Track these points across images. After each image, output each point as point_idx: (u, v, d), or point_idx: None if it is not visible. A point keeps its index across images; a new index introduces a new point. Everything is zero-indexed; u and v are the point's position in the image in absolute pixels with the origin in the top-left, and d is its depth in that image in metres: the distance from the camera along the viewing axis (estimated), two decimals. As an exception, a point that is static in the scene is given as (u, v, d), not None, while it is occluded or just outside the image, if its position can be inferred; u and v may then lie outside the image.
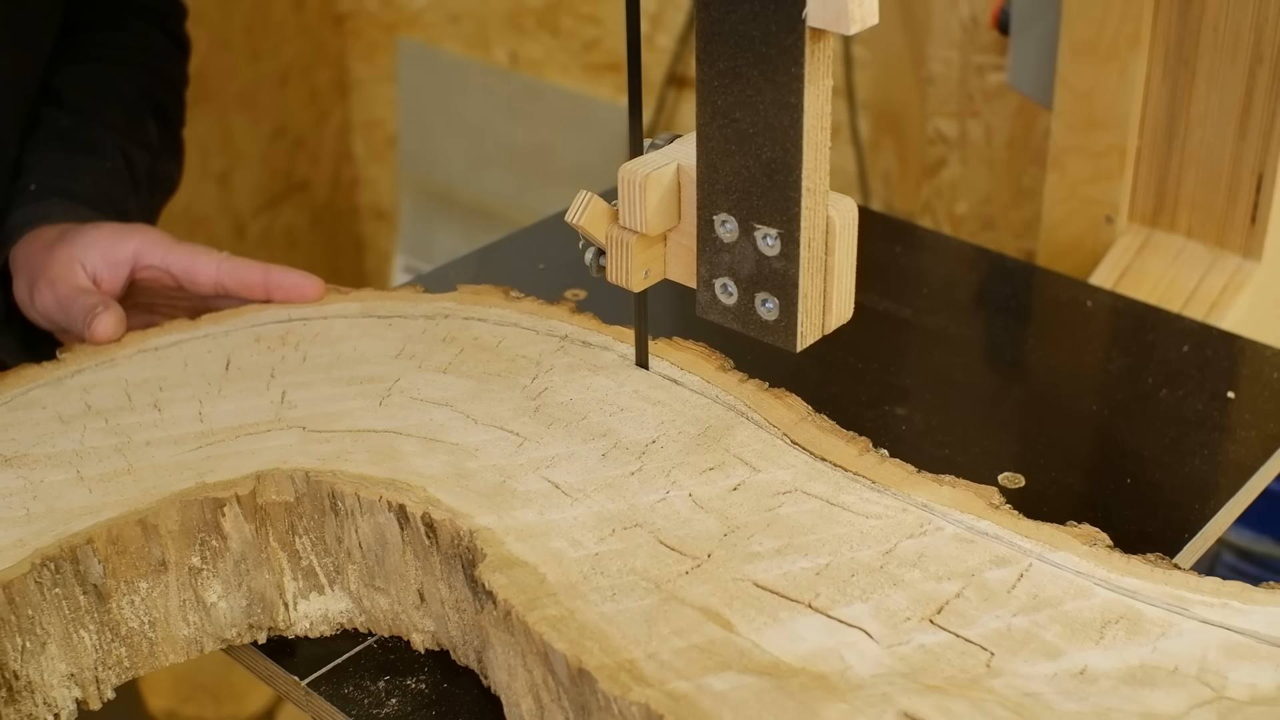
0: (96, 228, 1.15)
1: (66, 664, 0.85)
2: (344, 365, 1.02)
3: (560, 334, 1.04)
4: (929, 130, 2.02)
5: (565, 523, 0.84)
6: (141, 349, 1.06)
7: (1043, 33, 1.41)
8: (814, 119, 0.78)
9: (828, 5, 0.73)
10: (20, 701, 0.84)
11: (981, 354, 1.19)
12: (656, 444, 0.91)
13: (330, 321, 1.09)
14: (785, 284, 0.82)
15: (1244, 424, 1.07)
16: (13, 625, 0.82)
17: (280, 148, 2.88)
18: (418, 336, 1.05)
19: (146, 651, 0.88)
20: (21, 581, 0.82)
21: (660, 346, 1.01)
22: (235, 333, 1.08)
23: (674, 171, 0.87)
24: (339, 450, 0.91)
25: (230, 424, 0.96)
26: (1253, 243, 1.33)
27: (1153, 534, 0.95)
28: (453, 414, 0.95)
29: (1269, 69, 1.25)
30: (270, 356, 1.04)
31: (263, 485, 0.88)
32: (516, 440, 0.92)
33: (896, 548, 0.82)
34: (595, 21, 2.56)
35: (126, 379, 1.03)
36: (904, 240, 1.37)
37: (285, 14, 2.80)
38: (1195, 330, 1.19)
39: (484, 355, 1.02)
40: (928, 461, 1.02)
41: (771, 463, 0.89)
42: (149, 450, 0.94)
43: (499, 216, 2.76)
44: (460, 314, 1.08)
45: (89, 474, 0.92)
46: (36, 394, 1.02)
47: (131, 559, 0.86)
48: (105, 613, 0.86)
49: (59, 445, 0.95)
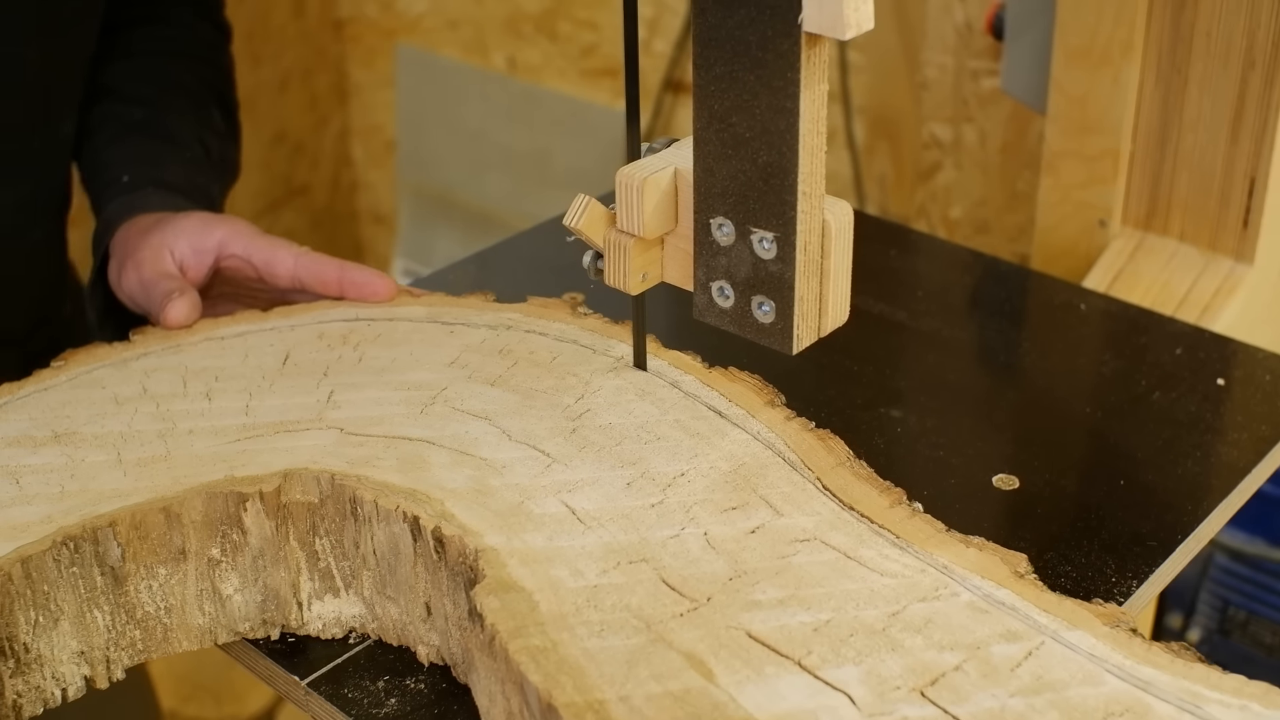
0: (187, 216, 1.17)
1: (78, 641, 0.86)
2: (397, 369, 1.01)
3: (617, 354, 1.01)
4: (924, 135, 2.02)
5: (572, 550, 0.82)
6: (209, 337, 1.07)
7: (1037, 38, 1.41)
8: (810, 123, 0.78)
9: (823, 10, 0.73)
10: (28, 673, 0.84)
11: (976, 357, 1.19)
12: (685, 477, 0.88)
13: (395, 324, 1.08)
14: (781, 287, 0.82)
15: (1236, 426, 1.07)
16: (28, 599, 0.83)
17: (280, 153, 2.88)
18: (475, 346, 1.04)
19: (160, 636, 0.88)
20: (40, 558, 0.83)
21: (715, 376, 0.98)
22: (301, 328, 1.08)
23: (671, 175, 0.87)
24: (370, 455, 0.91)
25: (273, 419, 0.96)
26: (1245, 246, 1.33)
27: (1145, 535, 0.95)
28: (490, 428, 0.94)
29: (1261, 74, 1.26)
30: (328, 355, 1.04)
31: (288, 484, 0.88)
32: (545, 461, 0.90)
33: (905, 610, 0.77)
34: (592, 27, 2.56)
35: (187, 365, 1.04)
36: (899, 244, 1.37)
37: (285, 20, 2.80)
38: (1188, 333, 1.19)
39: (536, 370, 1.00)
40: (922, 463, 1.02)
41: (797, 508, 0.86)
42: (190, 439, 0.94)
43: (497, 220, 2.76)
44: (523, 326, 1.06)
45: (128, 457, 0.93)
46: (100, 373, 1.03)
47: (153, 545, 0.86)
48: (121, 595, 0.86)
49: (108, 426, 0.96)
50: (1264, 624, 2.11)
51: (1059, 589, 0.89)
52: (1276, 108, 1.26)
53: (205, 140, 1.33)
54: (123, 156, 1.27)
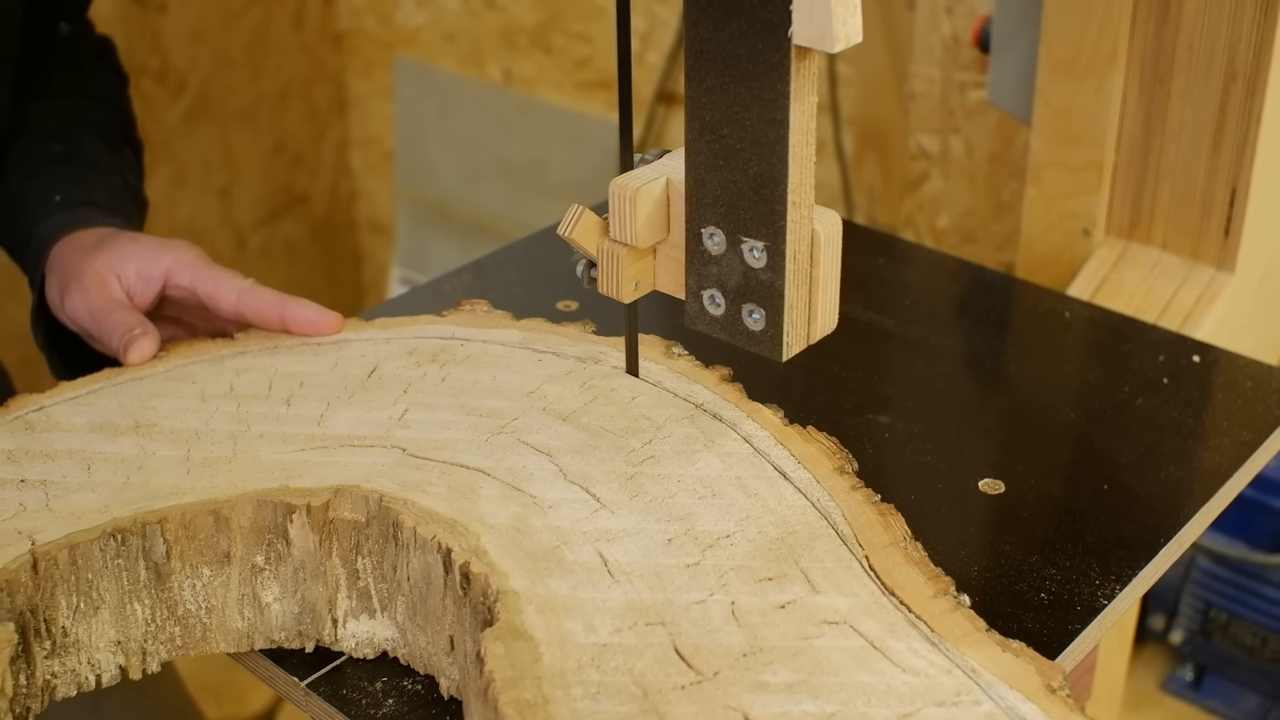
0: (134, 239, 1.15)
1: (116, 631, 0.86)
2: (475, 394, 0.99)
3: (697, 401, 0.97)
4: (911, 146, 2.02)
5: (592, 604, 0.79)
6: (306, 342, 1.07)
7: (1022, 51, 1.41)
8: (799, 134, 0.78)
9: (813, 24, 0.73)
10: (64, 656, 0.84)
11: (962, 363, 1.19)
12: (729, 539, 0.84)
13: (488, 346, 1.06)
14: (771, 295, 0.82)
15: (1218, 431, 1.07)
16: (71, 585, 0.83)
17: (280, 163, 2.88)
18: (559, 378, 1.01)
19: (199, 635, 0.88)
20: (87, 546, 0.83)
21: (790, 434, 0.93)
22: (395, 341, 1.07)
23: (663, 186, 0.87)
24: (423, 480, 0.89)
25: (342, 432, 0.95)
26: (1226, 255, 1.33)
27: (1129, 539, 0.95)
28: (548, 464, 0.91)
29: (1242, 86, 1.26)
30: (413, 372, 1.02)
31: (338, 500, 0.86)
32: (594, 505, 0.87)
33: (918, 713, 0.72)
34: (587, 40, 2.56)
35: (277, 368, 1.04)
36: (887, 253, 1.37)
37: (285, 33, 2.80)
38: (1170, 340, 1.19)
39: (611, 409, 0.97)
40: (909, 468, 1.02)
41: (835, 586, 0.81)
42: (258, 443, 0.95)
43: (493, 229, 2.76)
44: (611, 361, 1.03)
45: (195, 455, 0.93)
46: (195, 368, 1.04)
47: (199, 546, 0.86)
48: (164, 591, 0.86)
49: (186, 422, 0.97)
50: (1245, 625, 2.11)
51: (1044, 591, 0.90)
52: (1257, 119, 1.26)
53: (124, 173, 1.31)
54: (49, 183, 1.24)
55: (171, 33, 2.55)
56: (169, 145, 2.61)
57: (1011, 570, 0.92)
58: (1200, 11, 1.26)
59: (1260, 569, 2.06)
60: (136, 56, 2.51)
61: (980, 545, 0.94)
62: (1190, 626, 2.17)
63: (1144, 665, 2.25)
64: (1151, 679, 2.24)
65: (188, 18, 2.57)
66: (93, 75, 1.38)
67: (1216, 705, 2.19)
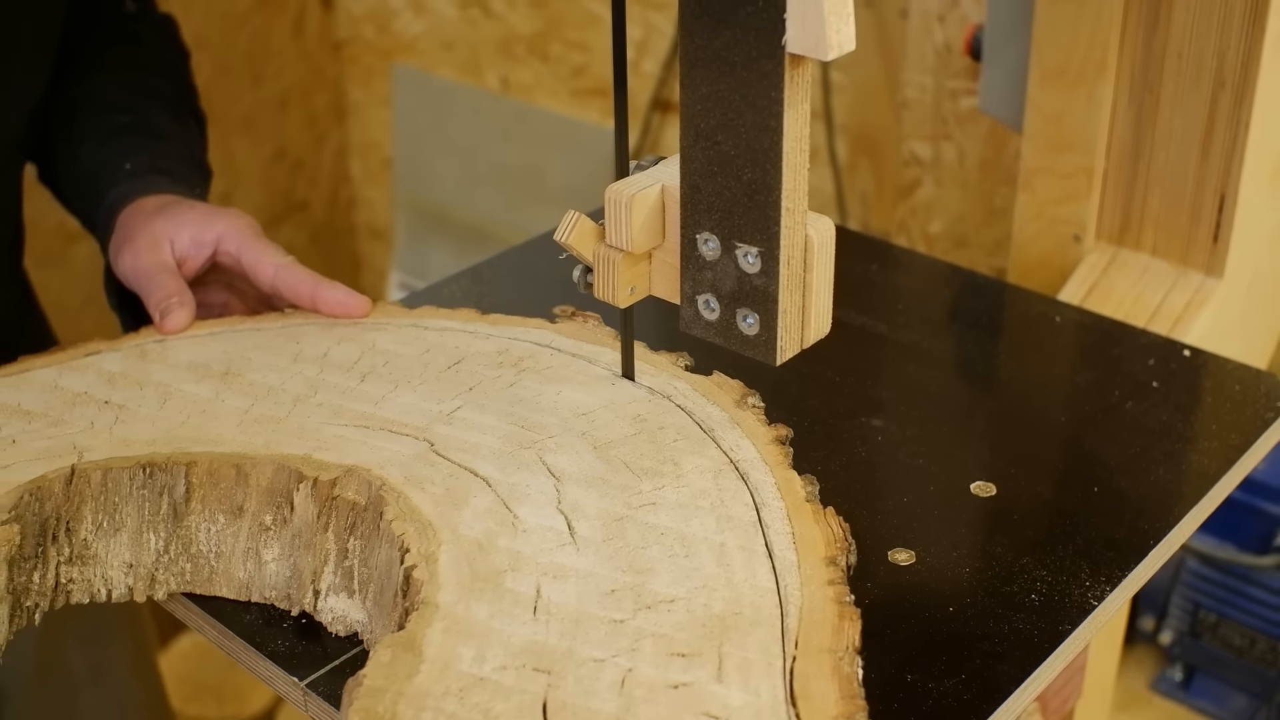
0: (191, 207, 1.17)
1: (130, 555, 0.91)
2: (531, 405, 0.99)
3: (735, 456, 0.93)
4: (904, 152, 2.02)
5: (499, 635, 0.77)
6: (417, 324, 1.10)
7: (1013, 59, 1.42)
8: (793, 141, 0.78)
9: (806, 32, 0.73)
10: (82, 566, 0.90)
11: (954, 367, 1.19)
12: (670, 605, 0.80)
13: (573, 361, 1.05)
14: (765, 300, 0.82)
15: (1207, 434, 1.07)
16: (99, 503, 0.90)
17: (280, 169, 2.88)
18: (620, 405, 0.99)
19: (206, 575, 0.92)
20: (119, 473, 0.90)
21: (804, 512, 0.88)
22: (494, 339, 1.08)
23: (658, 192, 0.87)
24: (430, 477, 0.90)
25: (389, 416, 0.97)
26: (1215, 261, 1.33)
27: (1119, 541, 0.95)
28: (551, 489, 0.90)
29: (1230, 93, 1.26)
30: (489, 372, 1.03)
31: (345, 479, 0.89)
32: (564, 539, 0.85)
33: None
34: (583, 48, 2.56)
35: (374, 344, 1.06)
36: (880, 258, 1.37)
37: (285, 41, 2.80)
38: (1160, 345, 1.19)
39: (647, 448, 0.94)
40: (902, 471, 1.02)
41: (742, 680, 0.75)
42: (313, 410, 0.97)
43: (491, 235, 2.76)
44: (680, 398, 1.00)
45: (255, 411, 0.97)
46: (307, 330, 1.09)
47: (219, 494, 0.91)
48: (180, 528, 0.91)
49: (267, 378, 1.02)
50: (1233, 626, 2.12)
51: (1035, 593, 0.90)
52: (1246, 126, 1.26)
53: (189, 143, 1.34)
54: (118, 152, 1.27)
55: (173, 41, 2.55)
56: (170, 152, 2.61)
57: (1003, 572, 0.92)
58: (1189, 20, 1.26)
59: (1248, 570, 2.06)
60: (138, 64, 2.51)
61: (972, 547, 0.94)
62: (1179, 627, 2.17)
63: (1134, 665, 2.25)
64: (1141, 679, 2.24)
65: (189, 25, 2.55)
66: (155, 51, 1.40)
67: (1206, 705, 2.19)
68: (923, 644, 0.86)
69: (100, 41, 1.35)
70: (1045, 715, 1.31)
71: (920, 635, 0.86)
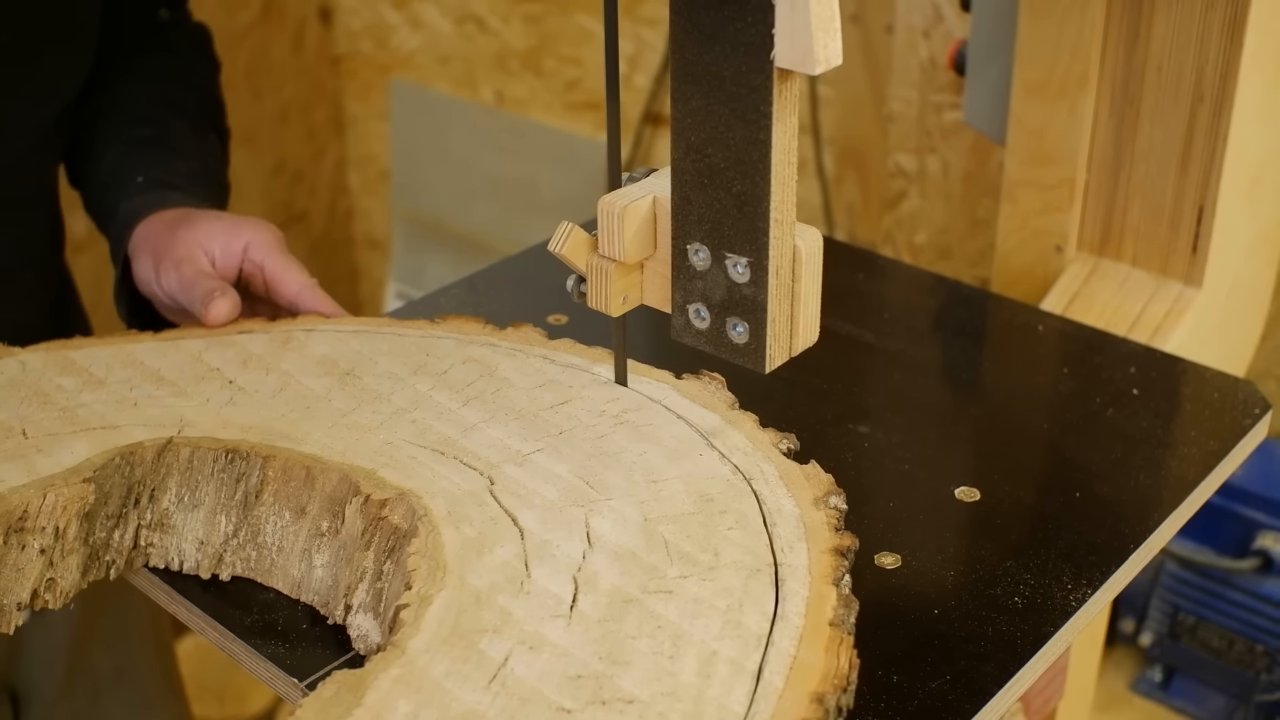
0: (217, 217, 1.18)
1: (203, 532, 0.93)
2: (607, 462, 0.93)
3: (783, 560, 0.85)
4: (889, 165, 2.02)
5: (442, 697, 0.74)
6: (547, 356, 1.06)
7: (997, 73, 1.42)
8: (781, 154, 0.78)
9: (794, 47, 0.73)
10: (162, 533, 0.93)
11: (939, 375, 1.19)
12: (627, 707, 0.74)
13: (676, 424, 0.97)
14: (755, 309, 0.82)
15: (1186, 441, 1.07)
16: (184, 479, 0.93)
17: (280, 181, 2.88)
18: (694, 480, 0.92)
19: (267, 566, 0.92)
20: (205, 453, 0.93)
21: (820, 636, 0.78)
22: (610, 387, 1.01)
23: (650, 203, 0.87)
24: (470, 516, 0.87)
25: (469, 446, 0.95)
26: (1194, 271, 1.33)
27: (1100, 544, 0.95)
28: (577, 555, 0.84)
29: (1209, 107, 1.26)
30: (588, 420, 0.98)
31: (396, 502, 0.87)
32: (561, 610, 0.80)
33: None
34: (576, 63, 2.56)
35: (495, 369, 1.04)
36: (866, 268, 1.38)
37: (285, 55, 2.80)
38: (1140, 353, 1.19)
39: (699, 532, 0.87)
40: (888, 476, 1.02)
41: None
42: (405, 427, 0.97)
43: (486, 246, 2.76)
44: (760, 484, 0.91)
45: (351, 417, 0.98)
46: (440, 343, 1.08)
47: (289, 492, 0.92)
48: (251, 517, 0.92)
49: (380, 385, 1.02)
50: (1212, 628, 2.12)
51: (1018, 595, 0.90)
52: (1224, 139, 1.26)
53: (206, 159, 1.34)
54: (133, 164, 1.27)
55: (175, 55, 2.55)
56: (172, 164, 2.61)
57: (986, 575, 0.92)
58: (1169, 35, 1.26)
59: (1226, 574, 2.06)
60: (141, 78, 2.51)
61: (956, 551, 0.94)
62: (1159, 629, 2.17)
63: (1114, 667, 2.25)
64: (1122, 680, 2.24)
65: (190, 41, 2.57)
66: (187, 61, 1.40)
67: (1184, 705, 2.19)
68: (909, 645, 0.85)
69: (134, 49, 1.35)
70: (1028, 715, 1.31)
71: (906, 637, 0.86)
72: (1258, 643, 2.06)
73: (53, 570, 0.89)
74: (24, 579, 0.88)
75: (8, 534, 0.88)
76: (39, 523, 0.88)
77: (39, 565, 0.88)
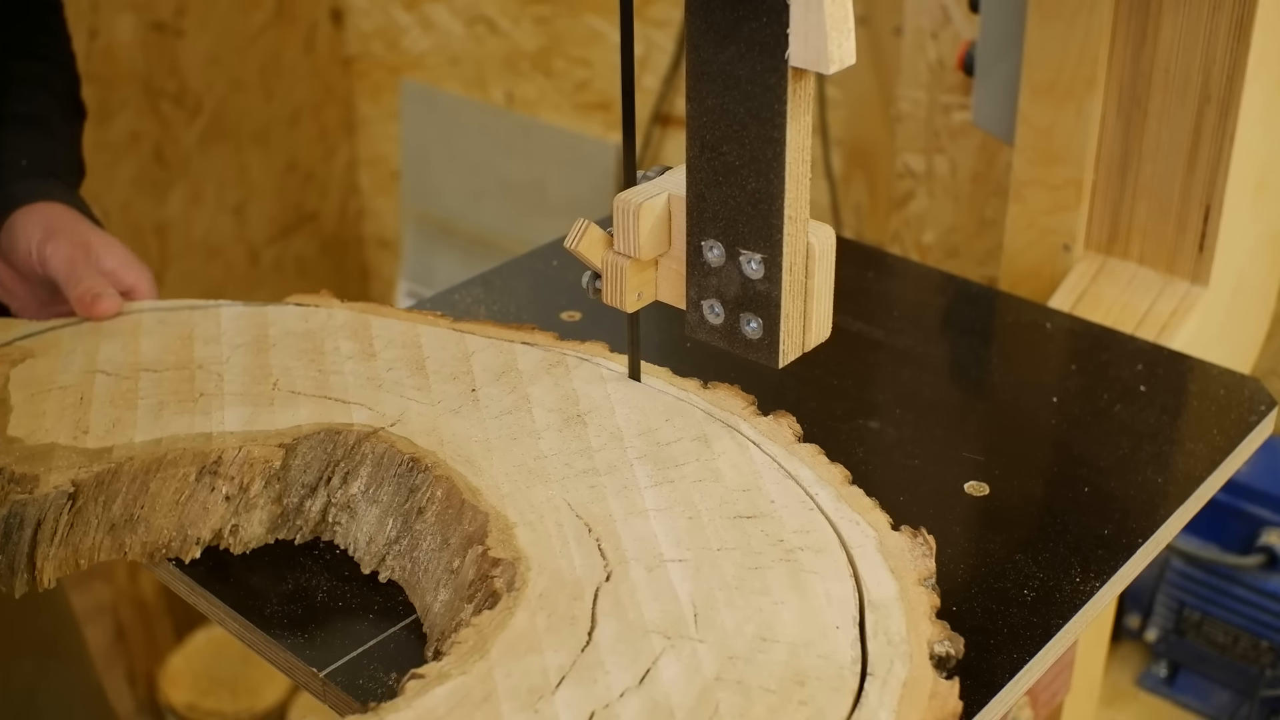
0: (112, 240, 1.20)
1: (374, 529, 0.93)
2: (737, 601, 0.80)
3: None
4: (898, 165, 2.03)
5: None
6: (783, 466, 0.93)
7: (1005, 74, 1.42)
8: (795, 152, 0.79)
9: (808, 47, 0.74)
10: (349, 516, 0.95)
11: (948, 372, 1.19)
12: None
13: (846, 590, 0.82)
14: (768, 305, 0.83)
15: (1192, 437, 1.08)
16: (374, 473, 0.94)
17: (292, 181, 2.88)
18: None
19: (414, 583, 0.91)
20: (395, 454, 0.93)
21: None
22: (809, 524, 0.87)
23: (665, 201, 0.87)
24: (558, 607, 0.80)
25: (618, 531, 0.86)
26: (1200, 269, 1.34)
27: (1108, 539, 0.95)
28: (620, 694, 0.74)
29: (1216, 107, 1.26)
30: (758, 543, 0.85)
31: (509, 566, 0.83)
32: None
33: None
34: (585, 64, 2.57)
35: (715, 459, 0.93)
36: (875, 267, 1.38)
37: (297, 57, 2.80)
38: (1147, 350, 1.20)
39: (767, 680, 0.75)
40: (898, 471, 1.02)
41: None
42: (583, 491, 0.90)
43: (495, 246, 2.76)
44: (879, 648, 0.78)
45: (541, 464, 0.93)
46: (691, 413, 0.97)
47: (446, 519, 0.90)
48: (413, 530, 0.91)
49: (595, 439, 0.95)
50: (1217, 624, 2.12)
51: (1027, 589, 0.90)
52: (1230, 139, 1.27)
53: (73, 146, 1.37)
54: (17, 144, 1.30)
55: (189, 57, 2.56)
56: (186, 165, 2.62)
57: (995, 569, 0.92)
58: (1176, 37, 1.27)
59: (1232, 570, 2.06)
60: (155, 79, 2.51)
61: (966, 545, 0.95)
62: (1164, 625, 2.17)
63: (1120, 662, 2.25)
64: (1127, 675, 2.24)
65: (204, 42, 2.57)
66: (57, 38, 1.41)
67: (1189, 700, 2.19)
68: (919, 637, 0.86)
69: (12, 20, 1.36)
70: (1035, 709, 1.31)
71: (917, 629, 0.87)
72: (1262, 639, 2.06)
73: (237, 518, 0.93)
74: (208, 518, 0.93)
75: (201, 473, 0.93)
76: (229, 470, 0.93)
77: (223, 510, 0.93)
